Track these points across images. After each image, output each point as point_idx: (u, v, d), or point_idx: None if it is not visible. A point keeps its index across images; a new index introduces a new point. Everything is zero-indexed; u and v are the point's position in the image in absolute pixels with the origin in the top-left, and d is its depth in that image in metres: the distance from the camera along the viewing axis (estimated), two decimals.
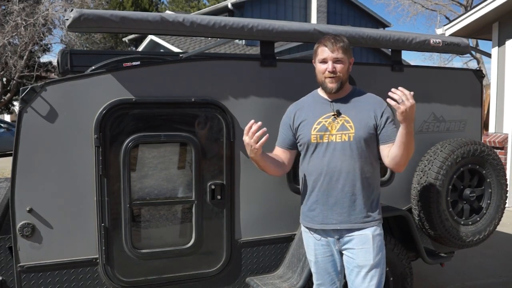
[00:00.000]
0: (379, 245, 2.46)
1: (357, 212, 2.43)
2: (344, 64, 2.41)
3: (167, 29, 2.73)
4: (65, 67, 3.69)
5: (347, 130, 2.41)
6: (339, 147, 2.41)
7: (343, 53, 2.40)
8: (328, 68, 2.40)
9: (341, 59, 2.40)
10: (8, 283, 2.69)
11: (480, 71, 3.80)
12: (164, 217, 2.86)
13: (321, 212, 2.47)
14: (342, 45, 2.40)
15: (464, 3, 22.03)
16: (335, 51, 2.39)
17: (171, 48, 15.87)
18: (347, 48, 2.43)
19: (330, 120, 2.45)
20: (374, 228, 2.46)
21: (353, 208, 2.43)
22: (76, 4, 17.36)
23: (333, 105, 2.48)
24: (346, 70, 2.43)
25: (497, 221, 3.56)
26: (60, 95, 2.52)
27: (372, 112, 2.43)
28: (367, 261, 2.42)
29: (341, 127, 2.42)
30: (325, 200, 2.45)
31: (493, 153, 3.48)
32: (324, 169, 2.44)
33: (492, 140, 7.41)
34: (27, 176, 2.50)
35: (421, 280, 4.30)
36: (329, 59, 2.40)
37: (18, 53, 17.36)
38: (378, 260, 2.44)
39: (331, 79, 2.41)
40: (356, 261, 2.45)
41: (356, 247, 2.44)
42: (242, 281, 3.00)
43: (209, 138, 2.83)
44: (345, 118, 2.43)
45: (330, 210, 2.45)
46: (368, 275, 2.43)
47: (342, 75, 2.42)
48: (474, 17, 7.61)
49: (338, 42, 2.40)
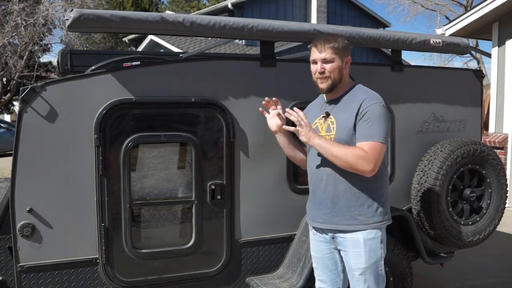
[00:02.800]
0: (373, 249, 2.40)
1: (341, 214, 2.40)
2: (334, 64, 2.38)
3: (167, 29, 2.73)
4: (65, 67, 3.69)
5: (330, 132, 2.42)
6: None
7: (332, 53, 2.37)
8: (317, 69, 2.40)
9: (330, 60, 2.37)
10: (8, 283, 2.69)
11: (480, 71, 3.80)
12: (164, 217, 2.86)
13: (312, 210, 2.54)
14: (332, 45, 2.38)
15: (464, 3, 22.02)
16: (322, 51, 2.38)
17: (171, 48, 15.86)
18: (338, 48, 2.39)
19: (321, 122, 2.49)
20: (367, 231, 2.39)
21: (336, 210, 2.41)
22: (76, 4, 17.31)
23: (323, 106, 2.51)
24: (337, 70, 2.39)
25: (497, 221, 3.56)
26: (60, 95, 2.52)
27: (355, 111, 2.35)
28: (359, 265, 2.41)
29: (327, 128, 2.45)
30: (314, 197, 2.51)
31: (493, 153, 3.48)
32: (313, 169, 2.50)
33: (492, 140, 7.41)
34: (27, 176, 2.50)
35: (421, 280, 4.30)
36: (317, 60, 2.40)
37: (18, 53, 17.35)
38: (371, 264, 2.41)
39: (321, 80, 2.42)
40: (349, 264, 2.46)
41: (348, 249, 2.44)
42: (242, 281, 3.00)
43: (209, 138, 2.83)
44: (332, 119, 2.45)
45: (317, 209, 2.49)
46: (361, 278, 2.42)
47: (333, 75, 2.39)
48: (474, 17, 7.61)
49: (327, 43, 2.38)
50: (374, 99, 2.37)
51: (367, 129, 2.31)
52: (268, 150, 2.97)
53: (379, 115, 2.32)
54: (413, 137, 3.44)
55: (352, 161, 2.27)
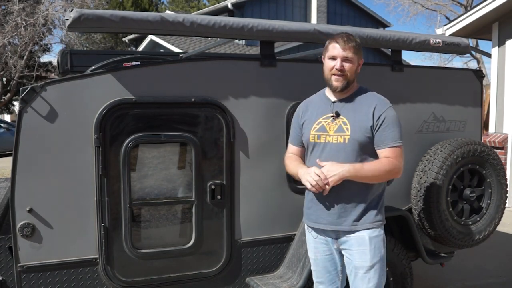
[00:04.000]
0: (377, 247, 2.43)
1: (348, 215, 2.41)
2: (353, 64, 2.39)
3: (167, 29, 2.73)
4: (65, 67, 3.69)
5: (343, 132, 2.40)
6: (334, 148, 2.40)
7: (353, 53, 2.38)
8: (336, 66, 2.38)
9: (351, 59, 2.38)
10: (8, 283, 2.68)
11: (480, 71, 3.80)
12: (164, 217, 2.86)
13: (316, 211, 2.49)
14: (354, 45, 2.39)
15: (464, 3, 22.02)
16: (346, 49, 2.37)
17: (171, 48, 15.86)
18: (358, 49, 2.41)
19: (329, 121, 2.44)
20: (372, 230, 2.43)
21: (343, 211, 2.41)
22: (76, 4, 17.30)
23: (332, 106, 2.47)
24: (354, 70, 2.41)
25: (497, 221, 3.56)
26: (60, 95, 2.52)
27: (370, 114, 2.40)
28: (364, 263, 2.42)
29: (339, 128, 2.41)
30: (318, 199, 2.46)
31: (493, 153, 3.48)
32: None
33: (492, 140, 7.41)
34: (27, 176, 2.50)
35: (421, 280, 4.30)
36: (338, 57, 2.38)
37: (18, 53, 17.34)
38: (375, 262, 2.43)
39: (337, 77, 2.39)
40: (353, 263, 2.45)
41: (353, 248, 2.44)
42: (242, 281, 3.00)
43: (209, 138, 2.83)
44: (343, 119, 2.42)
45: (322, 210, 2.46)
46: (365, 277, 2.42)
47: (350, 75, 2.40)
48: (474, 17, 7.60)
49: (350, 41, 2.38)
50: (387, 103, 2.45)
51: (387, 134, 2.38)
52: (268, 150, 2.97)
53: (395, 119, 2.42)
54: (413, 137, 3.44)
55: (386, 176, 2.40)
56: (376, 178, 2.38)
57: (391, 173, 2.39)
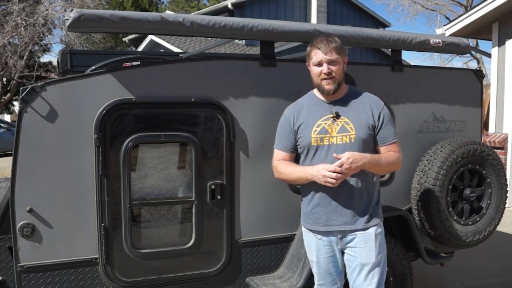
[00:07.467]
0: (381, 244, 2.48)
1: (361, 213, 2.44)
2: (339, 65, 2.40)
3: (167, 29, 2.73)
4: (65, 67, 3.69)
5: (347, 132, 2.41)
6: (340, 149, 2.39)
7: (336, 54, 2.38)
8: (324, 70, 2.38)
9: (336, 60, 2.38)
10: (8, 283, 2.68)
11: (480, 71, 3.80)
12: (164, 217, 2.86)
13: (325, 214, 2.46)
14: (335, 46, 2.39)
15: (464, 3, 22.01)
16: (328, 52, 2.37)
17: (171, 48, 15.86)
18: (340, 48, 2.41)
19: (329, 122, 2.43)
20: (376, 227, 2.48)
21: (356, 209, 2.43)
22: (76, 4, 17.30)
23: (331, 107, 2.46)
24: (341, 70, 2.42)
25: (497, 221, 3.56)
26: (60, 95, 2.52)
27: (369, 112, 2.44)
28: (370, 259, 2.44)
29: (341, 129, 2.42)
30: (328, 202, 2.44)
31: (493, 153, 3.48)
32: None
33: (492, 140, 7.41)
34: (27, 176, 2.50)
35: (421, 280, 4.30)
36: (323, 61, 2.39)
37: (18, 53, 17.34)
38: (379, 259, 2.46)
39: (327, 81, 2.40)
40: (359, 260, 2.45)
41: (358, 245, 2.45)
42: (242, 281, 3.00)
43: (209, 138, 2.83)
44: (345, 119, 2.43)
45: (334, 212, 2.44)
46: (369, 274, 2.44)
47: (338, 76, 2.41)
48: (474, 17, 7.60)
49: (330, 43, 2.38)
50: (381, 101, 2.52)
51: (388, 131, 2.47)
52: (268, 150, 2.96)
53: (390, 116, 2.52)
54: (413, 137, 3.44)
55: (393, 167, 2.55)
56: (385, 169, 2.54)
57: (397, 165, 2.51)
